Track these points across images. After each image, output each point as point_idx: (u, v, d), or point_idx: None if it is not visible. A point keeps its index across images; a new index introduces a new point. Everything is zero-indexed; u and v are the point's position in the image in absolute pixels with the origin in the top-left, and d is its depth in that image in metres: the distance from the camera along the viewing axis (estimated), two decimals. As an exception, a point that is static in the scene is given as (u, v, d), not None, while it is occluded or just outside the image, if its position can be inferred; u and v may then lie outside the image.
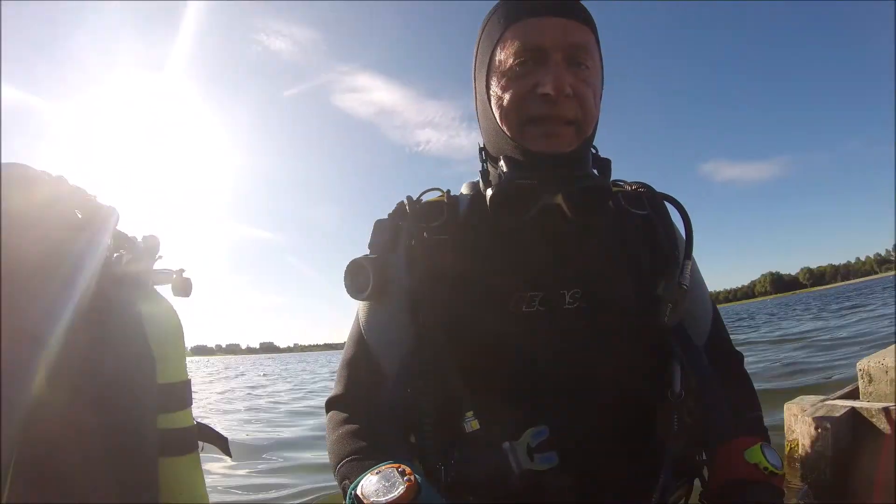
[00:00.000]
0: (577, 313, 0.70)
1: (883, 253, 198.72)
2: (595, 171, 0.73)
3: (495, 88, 0.71)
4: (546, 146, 0.68)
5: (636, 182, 0.82)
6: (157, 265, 0.82)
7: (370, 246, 0.76)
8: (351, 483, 0.55)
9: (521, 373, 0.70)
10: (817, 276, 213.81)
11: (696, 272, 0.79)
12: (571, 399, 0.69)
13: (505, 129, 0.70)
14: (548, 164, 0.68)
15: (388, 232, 0.76)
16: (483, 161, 0.76)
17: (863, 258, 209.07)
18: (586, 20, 0.69)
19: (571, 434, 0.66)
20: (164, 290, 0.82)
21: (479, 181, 0.77)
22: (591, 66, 0.69)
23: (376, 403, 0.69)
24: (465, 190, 0.82)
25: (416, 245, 0.73)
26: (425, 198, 0.80)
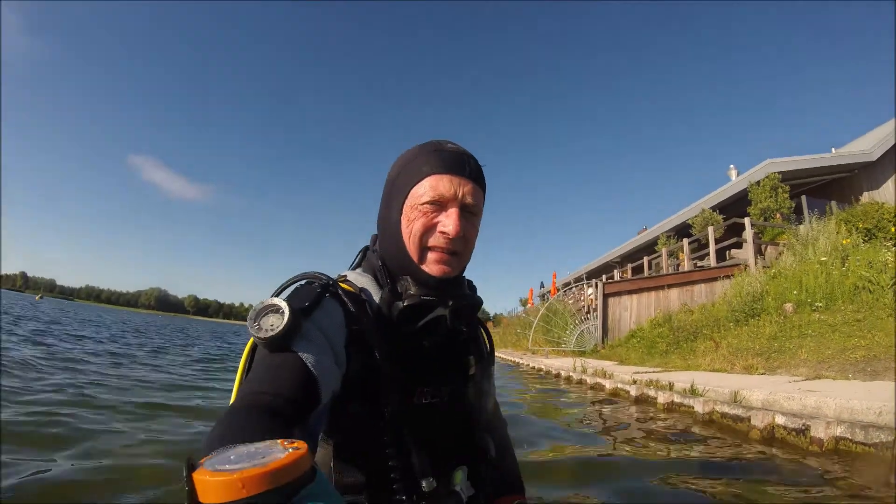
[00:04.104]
0: (450, 403, 0.99)
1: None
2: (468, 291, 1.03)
3: (409, 215, 0.92)
4: (438, 271, 0.92)
5: None
6: None
7: (292, 300, 0.81)
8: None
9: (426, 444, 0.92)
10: (202, 308, 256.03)
11: (491, 372, 1.14)
12: (453, 458, 0.98)
13: (409, 250, 0.93)
14: (440, 284, 0.93)
15: (314, 296, 0.85)
16: (385, 276, 0.97)
17: (246, 305, 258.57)
18: (482, 186, 0.97)
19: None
20: None
21: (370, 277, 0.99)
22: (478, 214, 0.96)
23: (308, 417, 0.72)
24: (360, 281, 0.98)
25: (355, 327, 0.88)
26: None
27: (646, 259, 16.74)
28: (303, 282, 0.91)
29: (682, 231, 15.86)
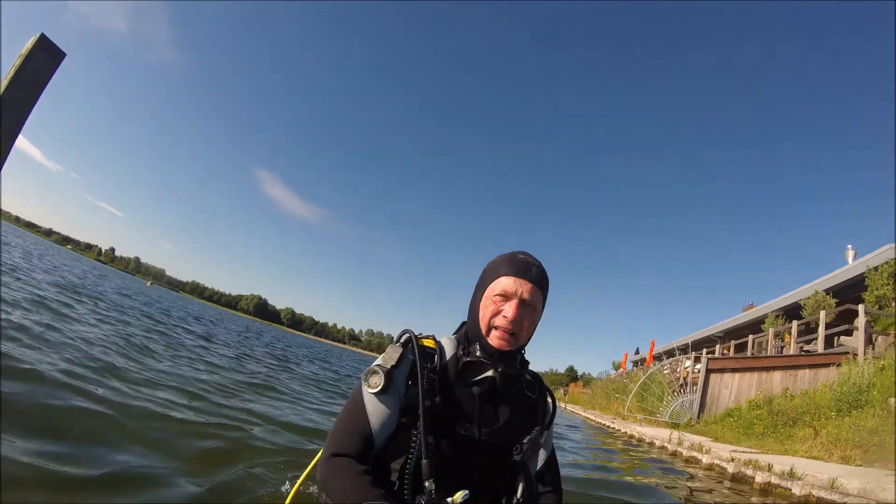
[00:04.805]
0: (484, 442, 1.24)
1: (357, 331, 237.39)
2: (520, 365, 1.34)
3: (484, 303, 1.26)
4: (498, 345, 1.23)
5: (532, 372, 1.40)
6: None
7: (384, 360, 1.24)
8: None
9: (452, 464, 1.19)
10: (297, 322, 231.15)
11: (550, 435, 1.40)
12: (474, 483, 1.19)
13: (480, 327, 1.25)
14: (497, 354, 1.24)
15: (399, 356, 1.25)
16: (465, 341, 1.30)
17: (339, 326, 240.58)
18: (543, 287, 1.28)
19: (474, 499, 1.15)
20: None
21: (454, 342, 1.33)
22: (536, 307, 1.26)
23: (367, 458, 1.18)
24: (445, 342, 1.33)
25: (420, 377, 1.19)
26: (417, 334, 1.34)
27: (751, 337, 16.23)
28: (397, 343, 1.29)
29: (792, 312, 15.32)
